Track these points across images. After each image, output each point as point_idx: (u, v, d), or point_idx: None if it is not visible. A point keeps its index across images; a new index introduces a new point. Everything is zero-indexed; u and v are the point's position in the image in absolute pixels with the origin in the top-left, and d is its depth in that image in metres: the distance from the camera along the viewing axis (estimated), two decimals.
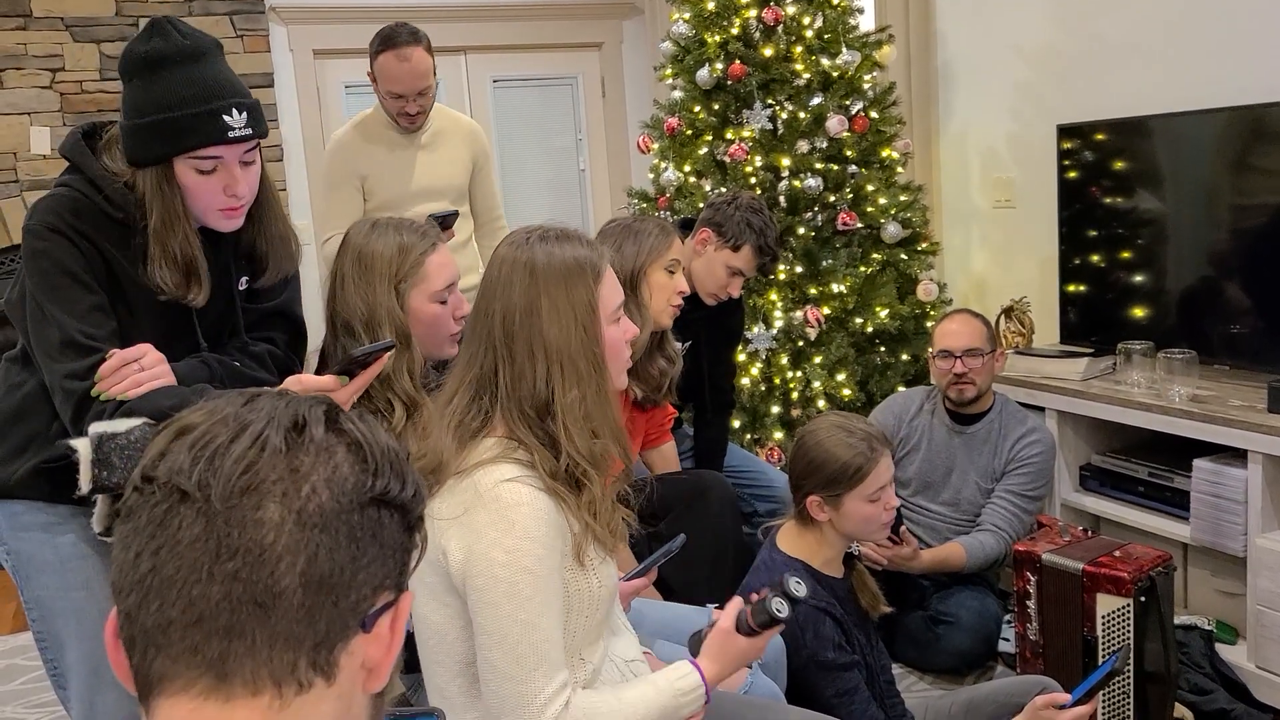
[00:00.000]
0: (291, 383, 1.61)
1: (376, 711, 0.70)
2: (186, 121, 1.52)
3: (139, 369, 1.51)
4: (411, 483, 0.70)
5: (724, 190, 3.37)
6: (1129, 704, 2.27)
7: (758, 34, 3.45)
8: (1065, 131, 3.25)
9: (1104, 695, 2.27)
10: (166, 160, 1.55)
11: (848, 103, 3.45)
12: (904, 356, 3.50)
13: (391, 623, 0.68)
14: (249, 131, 1.57)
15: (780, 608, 1.45)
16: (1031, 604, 2.44)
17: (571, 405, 1.40)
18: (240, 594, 0.61)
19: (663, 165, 3.60)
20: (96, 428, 1.47)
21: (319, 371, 1.75)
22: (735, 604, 1.51)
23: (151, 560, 0.62)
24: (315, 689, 0.64)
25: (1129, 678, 2.26)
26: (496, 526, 1.33)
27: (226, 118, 1.53)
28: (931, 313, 3.49)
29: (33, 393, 1.65)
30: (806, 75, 3.42)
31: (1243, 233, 2.80)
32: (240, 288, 1.75)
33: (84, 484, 1.47)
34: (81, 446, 1.47)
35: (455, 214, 2.54)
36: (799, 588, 1.48)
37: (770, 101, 3.44)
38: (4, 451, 1.69)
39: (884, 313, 3.42)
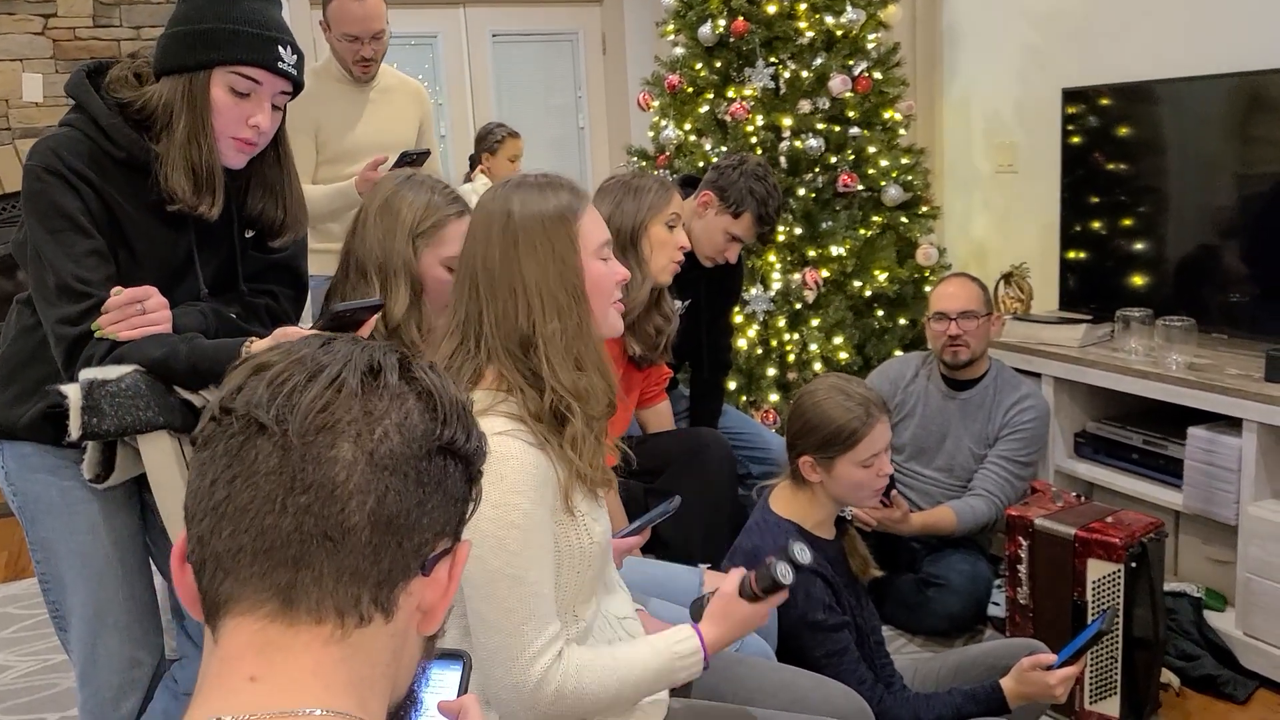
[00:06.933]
0: (277, 335, 1.59)
1: (428, 654, 0.74)
2: (245, 37, 1.55)
3: (141, 311, 1.49)
4: (475, 436, 0.73)
5: (726, 149, 3.34)
6: (1116, 669, 2.29)
7: None
8: (1070, 95, 3.21)
9: (1091, 660, 2.28)
10: (209, 67, 1.55)
11: (851, 63, 3.40)
12: (902, 321, 3.49)
13: (449, 569, 0.72)
14: (294, 72, 1.60)
15: (785, 573, 1.45)
16: (1023, 568, 2.45)
17: (552, 335, 1.40)
18: (311, 527, 0.64)
19: (663, 123, 3.56)
20: (87, 374, 1.46)
21: (321, 313, 1.73)
22: (738, 571, 1.51)
23: (227, 489, 0.64)
24: (374, 623, 0.66)
25: (1117, 642, 2.28)
26: (485, 479, 1.33)
27: (281, 49, 1.57)
28: (930, 277, 3.47)
29: (45, 336, 1.63)
30: (810, 33, 3.38)
31: (1245, 201, 2.78)
32: (246, 235, 1.74)
33: (74, 430, 1.47)
34: (72, 393, 1.47)
35: (427, 153, 2.49)
36: (803, 554, 1.48)
37: (773, 60, 3.40)
38: (14, 393, 1.68)
39: (883, 276, 3.40)
